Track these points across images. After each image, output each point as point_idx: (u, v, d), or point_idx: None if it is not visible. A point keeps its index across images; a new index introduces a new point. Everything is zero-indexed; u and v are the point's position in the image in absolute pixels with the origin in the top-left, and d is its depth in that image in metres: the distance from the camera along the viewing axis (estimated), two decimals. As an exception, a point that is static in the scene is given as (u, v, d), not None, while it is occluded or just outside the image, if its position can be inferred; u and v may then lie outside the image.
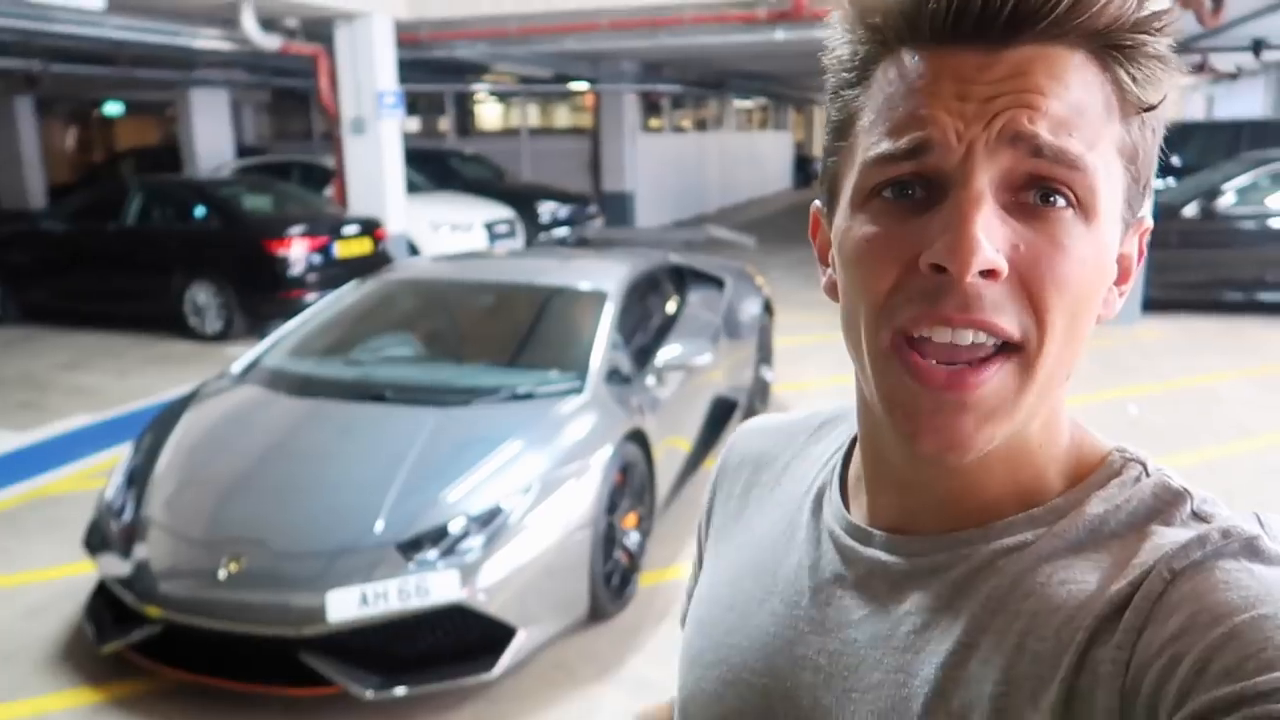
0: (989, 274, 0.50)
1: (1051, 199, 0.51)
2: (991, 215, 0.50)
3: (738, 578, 0.70)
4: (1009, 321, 0.51)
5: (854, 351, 0.57)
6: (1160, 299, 7.93)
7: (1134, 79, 0.52)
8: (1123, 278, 0.57)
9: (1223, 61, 14.60)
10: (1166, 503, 0.54)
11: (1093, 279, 0.53)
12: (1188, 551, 0.50)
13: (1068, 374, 0.55)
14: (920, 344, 0.52)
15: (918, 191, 0.52)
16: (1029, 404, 0.53)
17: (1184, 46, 12.02)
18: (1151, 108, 0.53)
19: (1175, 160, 10.51)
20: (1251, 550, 0.50)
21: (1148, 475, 0.56)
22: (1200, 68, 13.81)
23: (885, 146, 0.53)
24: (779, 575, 0.67)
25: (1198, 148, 10.90)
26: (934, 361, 0.52)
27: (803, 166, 25.84)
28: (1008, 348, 0.52)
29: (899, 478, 0.60)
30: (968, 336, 0.51)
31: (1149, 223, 0.58)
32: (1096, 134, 0.51)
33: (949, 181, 0.51)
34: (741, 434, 0.82)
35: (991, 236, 0.50)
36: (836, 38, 0.57)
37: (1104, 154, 0.52)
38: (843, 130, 0.57)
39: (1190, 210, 8.33)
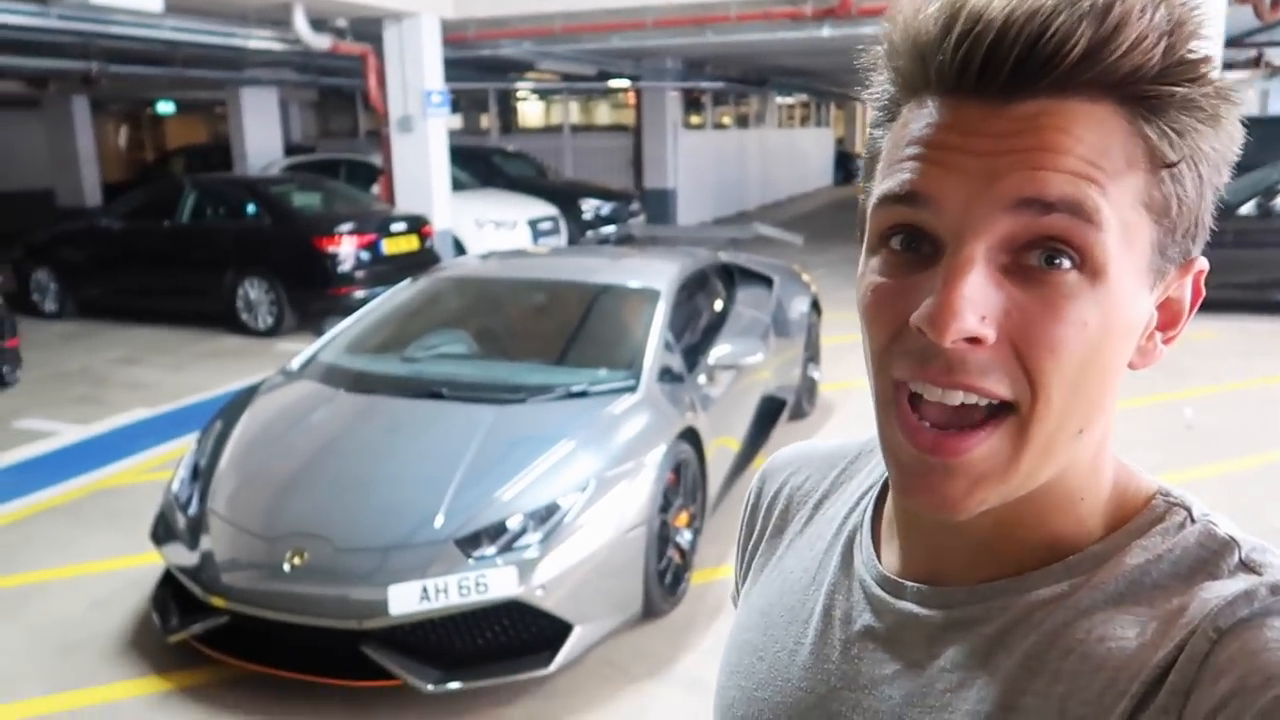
0: (974, 340, 0.49)
1: (1057, 261, 0.49)
2: (983, 281, 0.49)
3: (769, 625, 0.69)
4: (998, 384, 0.50)
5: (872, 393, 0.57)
6: (1214, 299, 7.63)
7: (1161, 132, 0.49)
8: (1171, 322, 0.55)
9: (1278, 56, 14.27)
10: (1213, 552, 0.52)
11: (1097, 340, 0.49)
12: (1234, 609, 0.48)
13: (1081, 428, 0.52)
14: (916, 398, 0.52)
15: (925, 246, 0.51)
16: (1027, 466, 0.51)
17: (1239, 41, 11.77)
18: (1173, 164, 0.49)
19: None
20: None
21: (1193, 522, 0.54)
22: (1256, 62, 13.52)
23: (885, 187, 0.52)
24: (810, 624, 0.65)
25: (1253, 144, 10.58)
26: (927, 423, 0.51)
27: (843, 163, 25.66)
28: (1002, 409, 0.50)
29: (929, 523, 0.58)
30: (956, 397, 0.50)
31: (1203, 264, 0.55)
32: (1114, 187, 0.48)
33: (944, 242, 0.50)
34: (774, 466, 0.80)
35: (980, 303, 0.48)
36: (877, 76, 0.56)
37: (1121, 208, 0.49)
38: (869, 169, 0.57)
39: (1246, 209, 8.15)
